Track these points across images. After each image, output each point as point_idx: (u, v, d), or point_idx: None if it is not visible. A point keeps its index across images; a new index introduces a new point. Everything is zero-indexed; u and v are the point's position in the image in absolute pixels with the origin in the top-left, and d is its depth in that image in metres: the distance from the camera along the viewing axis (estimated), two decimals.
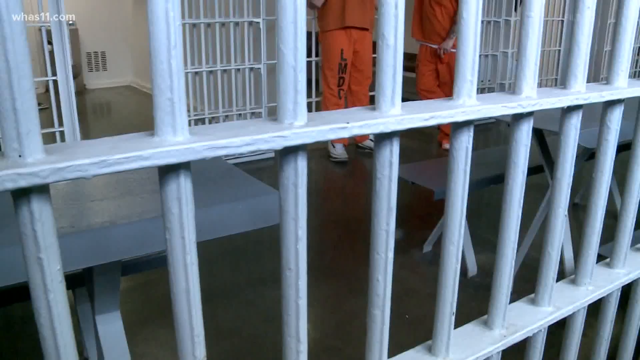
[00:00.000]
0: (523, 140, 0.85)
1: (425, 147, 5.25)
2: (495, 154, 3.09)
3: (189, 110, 4.39)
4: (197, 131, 0.58)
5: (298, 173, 0.61)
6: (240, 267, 2.90)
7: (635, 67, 6.68)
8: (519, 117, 0.83)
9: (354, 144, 5.03)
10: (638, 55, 6.93)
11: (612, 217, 1.22)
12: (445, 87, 4.85)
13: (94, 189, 1.39)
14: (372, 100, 5.26)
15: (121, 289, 2.59)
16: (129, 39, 8.45)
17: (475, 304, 2.50)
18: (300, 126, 0.59)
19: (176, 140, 0.56)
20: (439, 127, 5.08)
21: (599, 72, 6.40)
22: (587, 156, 2.56)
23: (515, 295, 1.09)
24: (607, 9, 6.20)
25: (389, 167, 0.67)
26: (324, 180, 4.61)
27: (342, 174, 4.56)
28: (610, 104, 1.02)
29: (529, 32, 0.81)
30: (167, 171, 0.57)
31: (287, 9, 0.57)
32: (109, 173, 0.53)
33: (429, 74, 4.87)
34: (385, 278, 0.73)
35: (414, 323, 2.37)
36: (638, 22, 0.99)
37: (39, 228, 0.52)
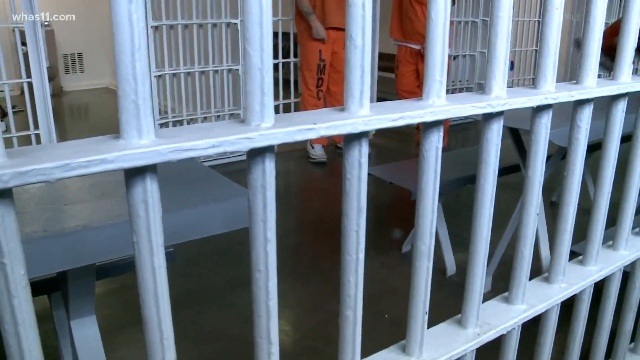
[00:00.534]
0: (494, 139, 0.85)
1: (403, 146, 5.26)
2: (473, 154, 3.11)
3: (166, 112, 4.38)
4: (163, 134, 0.58)
5: (266, 175, 0.61)
6: (221, 268, 2.89)
7: None
8: (489, 117, 0.84)
9: (334, 145, 5.03)
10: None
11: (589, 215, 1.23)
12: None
13: (69, 192, 1.38)
14: None
15: (98, 293, 2.57)
16: (107, 40, 8.36)
17: (454, 302, 2.51)
18: (267, 127, 0.59)
19: (142, 143, 0.55)
20: (417, 127, 5.10)
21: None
22: (563, 155, 2.59)
23: (494, 294, 1.10)
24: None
25: (358, 167, 0.67)
26: (303, 180, 4.61)
27: (321, 175, 4.56)
28: (580, 104, 1.03)
29: (498, 32, 0.81)
30: (133, 174, 0.57)
31: (252, 10, 0.57)
32: (73, 177, 0.52)
33: (409, 74, 4.87)
34: (356, 279, 0.73)
35: (394, 322, 2.37)
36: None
37: (1, 233, 0.51)
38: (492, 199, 0.89)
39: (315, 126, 0.60)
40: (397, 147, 5.19)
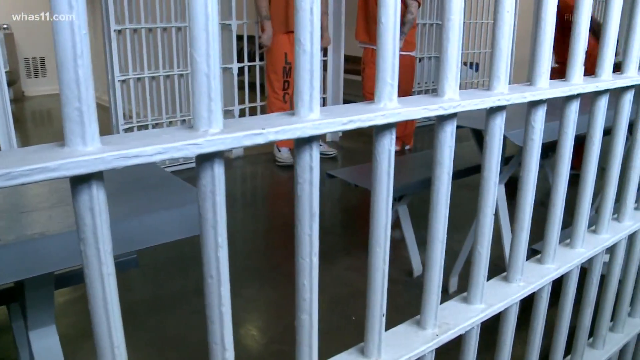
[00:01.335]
0: (447, 141, 0.86)
1: (370, 149, 5.27)
2: None
3: (131, 117, 4.32)
4: (109, 141, 0.57)
5: (215, 180, 0.61)
6: (187, 274, 2.87)
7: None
8: (442, 119, 0.84)
9: None
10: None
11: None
12: None
13: (26, 199, 1.35)
14: None
15: (62, 301, 2.53)
16: None
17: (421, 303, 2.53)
18: (215, 133, 0.58)
19: (86, 150, 0.55)
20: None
21: None
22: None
23: (460, 294, 1.11)
24: None
25: (309, 171, 0.67)
26: (270, 184, 4.60)
27: (288, 178, 4.56)
28: (534, 104, 1.05)
29: (449, 36, 0.82)
30: (78, 182, 0.56)
31: (198, 15, 0.57)
32: (14, 185, 0.51)
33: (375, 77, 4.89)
34: (311, 282, 0.73)
35: (361, 324, 2.37)
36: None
37: None
38: (447, 201, 0.89)
39: (263, 131, 0.60)
40: (364, 149, 5.21)
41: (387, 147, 0.75)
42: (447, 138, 0.86)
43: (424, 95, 0.86)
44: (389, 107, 0.73)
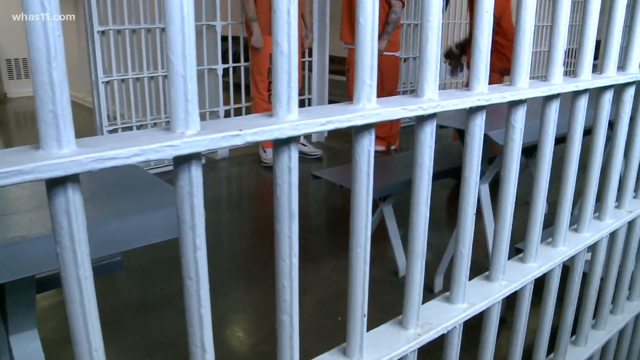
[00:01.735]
0: (427, 141, 0.86)
1: None
2: None
3: (115, 119, 4.30)
4: (85, 143, 0.57)
5: (193, 182, 0.60)
6: (173, 276, 2.85)
7: (567, 67, 6.97)
8: (421, 120, 0.85)
9: None
10: (569, 57, 7.24)
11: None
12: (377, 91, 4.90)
13: (6, 202, 1.34)
14: (301, 104, 5.28)
15: (45, 305, 2.51)
16: None
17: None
18: (192, 135, 0.58)
19: (62, 153, 0.54)
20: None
21: None
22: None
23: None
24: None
25: (288, 172, 0.67)
26: (256, 185, 4.59)
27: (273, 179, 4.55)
28: (514, 104, 1.05)
29: (428, 36, 0.82)
30: (53, 185, 0.56)
31: (174, 17, 0.56)
32: None
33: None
34: (291, 283, 0.73)
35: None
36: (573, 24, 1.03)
37: None
38: (428, 201, 0.90)
39: (241, 132, 0.60)
40: (349, 149, 5.18)
41: (367, 147, 0.76)
42: (427, 138, 0.86)
43: (403, 95, 0.86)
44: (368, 108, 0.73)
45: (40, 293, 1.51)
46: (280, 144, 0.66)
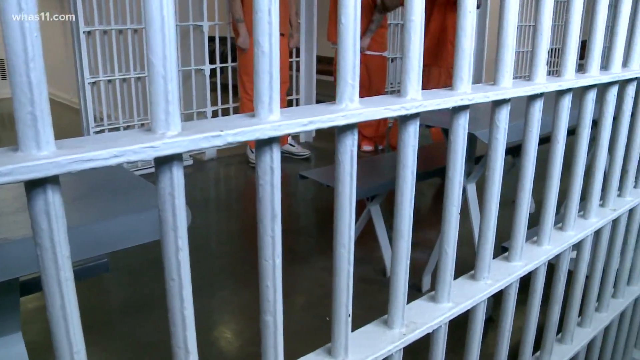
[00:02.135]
0: (410, 141, 0.86)
1: None
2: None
3: (102, 120, 4.28)
4: (65, 144, 0.57)
5: (174, 183, 0.60)
6: (161, 277, 2.84)
7: (551, 67, 7.01)
8: (404, 119, 0.85)
9: None
10: (552, 57, 7.28)
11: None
12: (363, 91, 4.90)
13: None
14: (289, 104, 5.27)
15: (31, 308, 2.49)
16: (42, 44, 8.10)
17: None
18: (173, 136, 0.58)
19: (41, 154, 0.54)
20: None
21: None
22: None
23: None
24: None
25: (270, 173, 0.67)
26: (243, 185, 4.58)
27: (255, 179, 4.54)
28: (498, 104, 1.06)
29: (411, 36, 0.83)
30: (33, 186, 0.55)
31: (154, 17, 0.56)
32: None
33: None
34: (274, 284, 0.73)
35: None
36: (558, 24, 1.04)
37: None
38: (412, 200, 0.90)
39: (222, 133, 0.59)
40: None
41: (349, 147, 0.76)
42: (410, 138, 0.86)
43: (386, 95, 0.86)
44: (350, 108, 0.73)
45: (24, 296, 1.50)
46: (262, 145, 0.66)
